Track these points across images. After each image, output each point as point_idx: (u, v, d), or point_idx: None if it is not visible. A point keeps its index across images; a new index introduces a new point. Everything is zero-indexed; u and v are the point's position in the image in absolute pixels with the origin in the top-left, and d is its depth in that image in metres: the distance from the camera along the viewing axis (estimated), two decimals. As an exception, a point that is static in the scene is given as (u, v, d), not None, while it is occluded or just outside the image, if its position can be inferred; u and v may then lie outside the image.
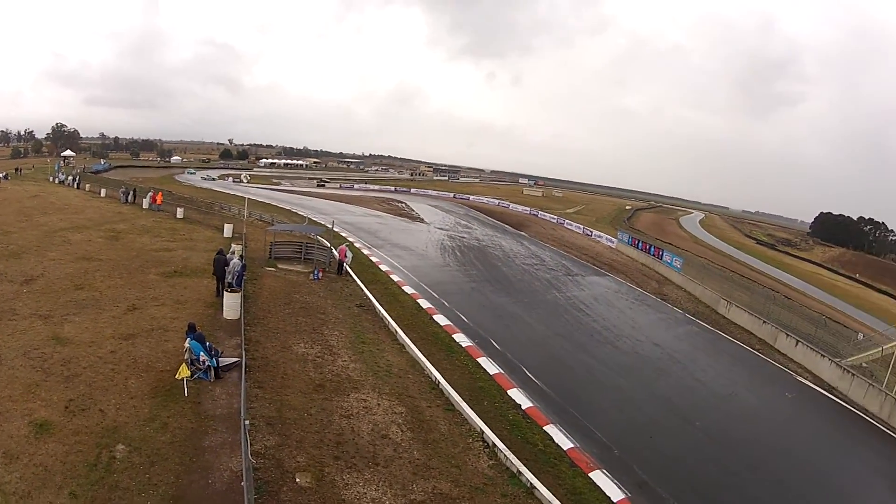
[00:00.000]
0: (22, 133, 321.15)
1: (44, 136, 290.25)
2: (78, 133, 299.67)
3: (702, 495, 26.30)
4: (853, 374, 43.91)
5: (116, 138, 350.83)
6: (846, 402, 42.21)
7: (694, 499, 25.70)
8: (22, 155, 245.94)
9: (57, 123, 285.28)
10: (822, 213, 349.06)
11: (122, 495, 18.07)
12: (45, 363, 26.24)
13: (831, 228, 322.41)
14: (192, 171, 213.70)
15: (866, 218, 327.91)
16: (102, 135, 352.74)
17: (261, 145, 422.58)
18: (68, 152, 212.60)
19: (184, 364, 26.17)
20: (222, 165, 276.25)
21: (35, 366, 25.89)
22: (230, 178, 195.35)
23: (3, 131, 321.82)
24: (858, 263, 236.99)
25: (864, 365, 46.70)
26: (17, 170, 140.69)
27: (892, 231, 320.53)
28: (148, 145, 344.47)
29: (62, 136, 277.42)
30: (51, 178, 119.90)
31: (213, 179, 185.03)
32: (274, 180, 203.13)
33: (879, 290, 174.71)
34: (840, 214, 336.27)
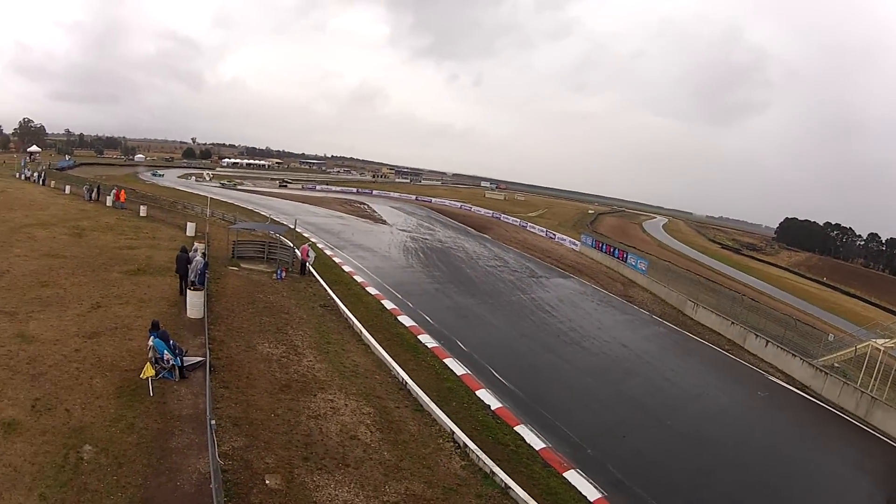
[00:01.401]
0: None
1: (11, 131, 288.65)
2: (44, 129, 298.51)
3: (679, 493, 26.32)
4: (826, 374, 44.31)
5: (81, 135, 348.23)
6: (820, 401, 42.52)
7: (671, 497, 25.68)
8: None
9: (24, 119, 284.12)
10: (786, 218, 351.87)
11: (91, 498, 17.66)
12: (10, 361, 25.64)
13: (796, 233, 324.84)
14: (160, 172, 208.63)
15: (832, 223, 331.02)
16: (68, 131, 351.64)
17: (223, 144, 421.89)
18: (34, 148, 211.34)
19: (148, 363, 25.53)
20: (185, 165, 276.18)
21: (1, 364, 25.31)
22: (192, 178, 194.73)
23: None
24: (825, 267, 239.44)
25: (836, 365, 46.90)
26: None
27: (859, 236, 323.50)
28: (112, 143, 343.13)
29: (29, 132, 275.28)
30: (17, 175, 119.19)
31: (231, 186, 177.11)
32: (236, 180, 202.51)
33: (847, 294, 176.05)
34: (805, 220, 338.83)
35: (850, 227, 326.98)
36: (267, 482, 20.23)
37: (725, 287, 79.40)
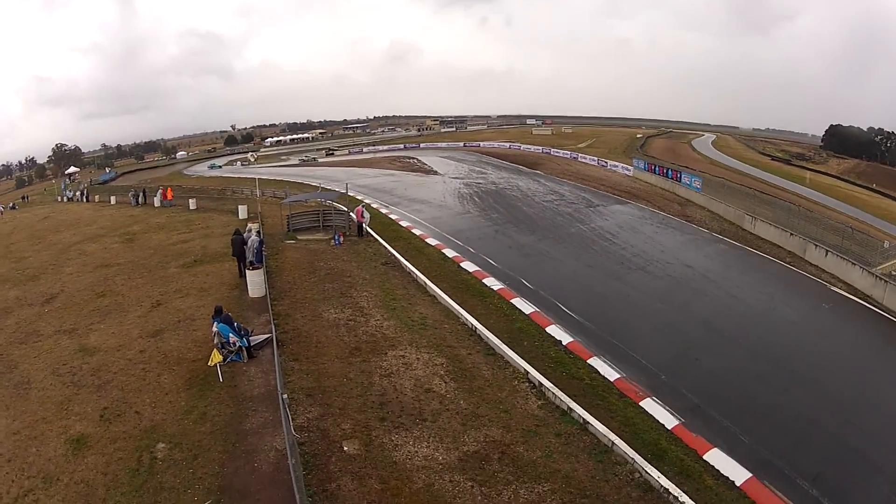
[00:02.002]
0: (23, 162, 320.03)
1: (45, 159, 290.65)
2: (79, 149, 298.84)
3: (754, 414, 25.96)
4: (886, 281, 43.55)
5: (119, 146, 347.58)
6: (882, 310, 41.71)
7: (748, 418, 25.32)
8: (27, 183, 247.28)
9: (57, 144, 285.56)
10: (832, 125, 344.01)
11: (168, 496, 17.92)
12: (74, 377, 26.09)
13: (842, 140, 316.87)
14: (218, 164, 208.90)
15: (876, 128, 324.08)
16: (104, 146, 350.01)
17: (264, 125, 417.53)
18: (72, 169, 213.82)
19: (215, 350, 25.79)
20: (228, 152, 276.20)
21: (65, 381, 25.75)
22: (238, 163, 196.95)
23: (4, 165, 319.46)
24: (874, 174, 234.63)
25: (893, 272, 46.20)
26: (23, 197, 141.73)
27: None
28: (152, 146, 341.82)
29: (64, 156, 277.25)
30: (59, 198, 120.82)
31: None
32: (283, 157, 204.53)
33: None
34: (850, 126, 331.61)
35: (893, 132, 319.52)
36: (345, 448, 20.28)
37: (781, 199, 77.75)
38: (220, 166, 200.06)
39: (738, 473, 21.19)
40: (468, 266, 43.55)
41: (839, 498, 21.05)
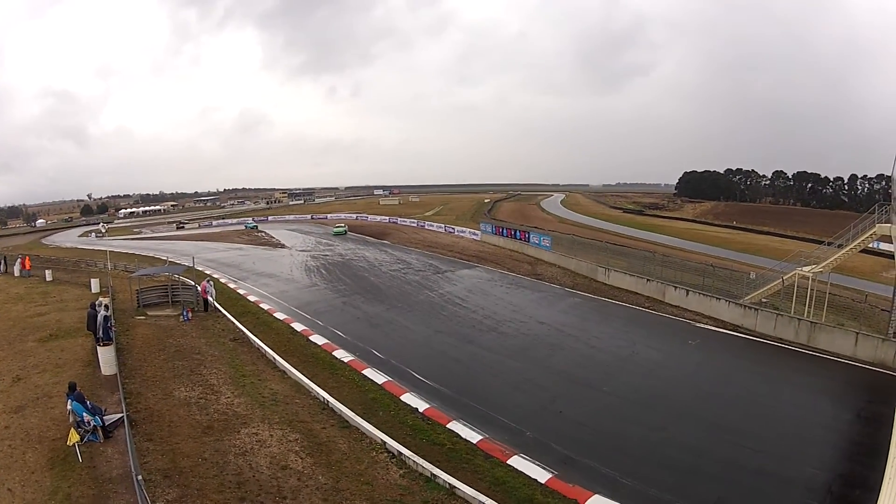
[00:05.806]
0: None
1: None
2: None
3: (634, 455, 26.39)
4: (757, 309, 45.41)
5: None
6: (757, 337, 43.63)
7: (627, 460, 25.80)
8: None
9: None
10: (685, 172, 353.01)
11: None
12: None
13: (698, 185, 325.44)
14: (102, 230, 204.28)
15: (734, 169, 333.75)
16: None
17: (119, 196, 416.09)
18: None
19: (72, 429, 25.31)
20: (84, 223, 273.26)
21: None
22: (92, 234, 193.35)
23: None
24: (733, 212, 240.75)
25: (763, 300, 47.89)
26: None
27: (763, 176, 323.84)
28: (14, 212, 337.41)
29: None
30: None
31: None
32: (135, 230, 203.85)
33: (760, 232, 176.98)
34: (705, 170, 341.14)
35: (753, 170, 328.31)
36: (208, 533, 19.78)
37: (635, 248, 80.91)
38: (103, 233, 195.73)
39: (626, 517, 21.43)
40: (317, 339, 43.83)
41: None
